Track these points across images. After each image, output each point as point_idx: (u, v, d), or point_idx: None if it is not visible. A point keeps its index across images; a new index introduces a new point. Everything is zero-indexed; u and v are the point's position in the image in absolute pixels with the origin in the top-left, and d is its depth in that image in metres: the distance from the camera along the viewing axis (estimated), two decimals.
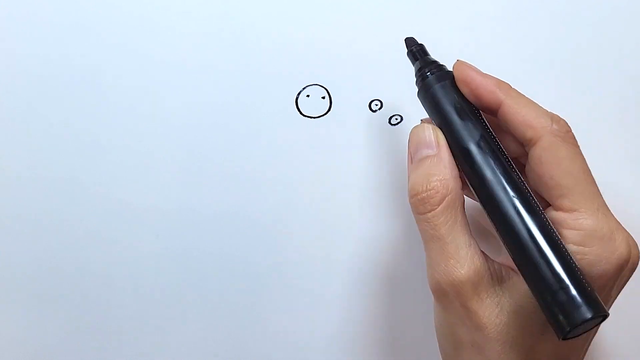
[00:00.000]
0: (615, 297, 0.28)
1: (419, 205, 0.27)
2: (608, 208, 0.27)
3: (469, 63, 0.29)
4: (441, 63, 0.30)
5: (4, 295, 0.36)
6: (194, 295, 0.36)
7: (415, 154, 0.29)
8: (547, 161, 0.27)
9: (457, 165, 0.28)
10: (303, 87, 0.36)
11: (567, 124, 0.28)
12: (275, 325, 0.37)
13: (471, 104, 0.29)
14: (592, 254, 0.26)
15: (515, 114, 0.28)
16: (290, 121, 0.36)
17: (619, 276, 0.26)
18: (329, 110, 0.37)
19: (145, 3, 0.36)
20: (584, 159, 0.27)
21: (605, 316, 0.24)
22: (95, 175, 0.36)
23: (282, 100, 0.36)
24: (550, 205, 0.28)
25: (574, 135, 0.28)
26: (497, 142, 0.28)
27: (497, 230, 0.27)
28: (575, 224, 0.26)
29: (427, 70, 0.30)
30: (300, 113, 0.36)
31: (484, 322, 0.26)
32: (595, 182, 0.27)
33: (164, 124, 0.36)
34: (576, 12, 0.37)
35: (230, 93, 0.36)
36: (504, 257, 0.28)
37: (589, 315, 0.23)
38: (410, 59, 0.31)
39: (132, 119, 0.36)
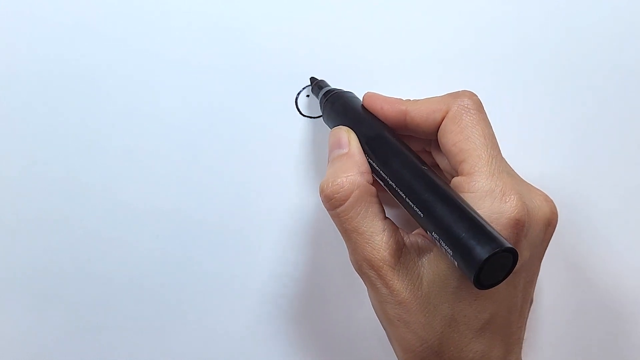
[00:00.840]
0: (529, 257, 0.28)
1: (326, 202, 0.29)
2: (509, 172, 0.28)
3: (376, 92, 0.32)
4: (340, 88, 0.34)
5: (4, 295, 0.36)
6: (194, 296, 0.36)
7: (330, 154, 0.31)
8: (450, 130, 0.29)
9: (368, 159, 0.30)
10: (303, 87, 0.36)
11: (472, 94, 0.29)
12: (275, 325, 0.37)
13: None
14: (482, 215, 0.26)
15: (420, 109, 0.30)
16: (290, 121, 0.36)
17: (515, 235, 0.26)
18: None
19: (145, 3, 0.36)
20: (487, 125, 0.29)
21: (510, 251, 0.24)
22: (95, 175, 0.36)
23: (282, 100, 0.36)
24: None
25: (479, 103, 0.29)
26: (396, 134, 0.31)
27: (404, 206, 0.28)
28: (470, 187, 0.27)
29: (330, 93, 0.34)
30: (300, 113, 0.36)
31: (405, 297, 0.27)
32: (497, 146, 0.28)
33: (164, 124, 0.36)
34: (575, 12, 0.37)
35: (230, 93, 0.36)
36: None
37: (487, 251, 0.23)
38: (315, 91, 0.35)
39: (132, 119, 0.36)
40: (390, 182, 0.28)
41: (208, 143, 0.36)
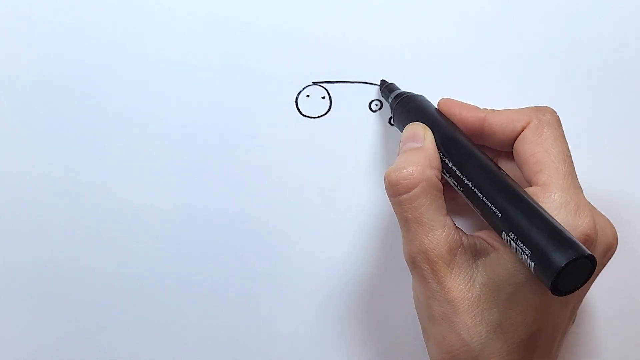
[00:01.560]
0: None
1: (390, 188, 0.29)
2: (580, 189, 0.29)
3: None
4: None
5: (4, 295, 0.36)
6: (194, 296, 0.36)
7: (402, 146, 0.31)
8: (530, 140, 0.29)
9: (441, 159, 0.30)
10: (303, 87, 0.36)
11: (554, 111, 0.30)
12: (274, 325, 0.37)
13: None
14: None
15: (500, 117, 0.31)
16: (290, 121, 0.36)
17: None
18: (329, 110, 0.37)
19: (145, 3, 0.36)
20: (565, 143, 0.29)
21: (588, 258, 0.24)
22: (95, 175, 0.36)
23: (282, 100, 0.36)
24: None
25: (559, 120, 0.30)
26: (471, 139, 0.31)
27: (478, 206, 0.28)
28: (545, 197, 0.27)
29: (402, 95, 0.34)
30: (300, 113, 0.36)
31: (455, 295, 0.27)
32: (572, 164, 0.29)
33: (164, 124, 0.36)
34: (575, 11, 0.37)
35: (230, 93, 0.36)
36: (484, 232, 0.29)
37: (569, 255, 0.23)
38: (384, 94, 0.35)
39: (131, 119, 0.36)
40: (466, 182, 0.29)
41: (208, 143, 0.36)
